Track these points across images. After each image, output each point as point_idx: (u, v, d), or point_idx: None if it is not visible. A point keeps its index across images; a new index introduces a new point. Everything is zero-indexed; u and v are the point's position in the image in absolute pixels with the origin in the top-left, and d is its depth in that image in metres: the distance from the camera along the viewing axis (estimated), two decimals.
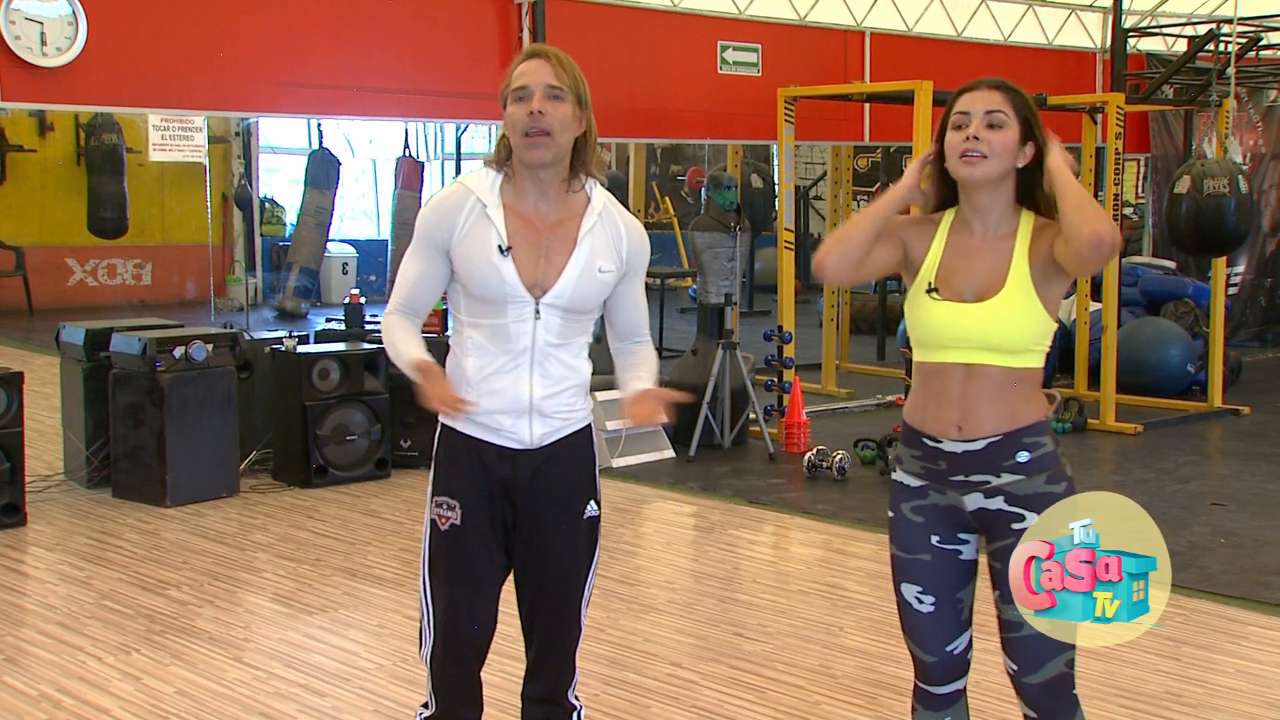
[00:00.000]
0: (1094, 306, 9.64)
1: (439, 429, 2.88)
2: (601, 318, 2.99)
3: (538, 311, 2.76)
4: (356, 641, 4.75)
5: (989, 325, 2.69)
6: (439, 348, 2.92)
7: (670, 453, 7.92)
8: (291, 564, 5.72)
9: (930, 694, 2.89)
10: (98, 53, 6.82)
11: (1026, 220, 2.76)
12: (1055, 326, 2.76)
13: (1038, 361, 2.75)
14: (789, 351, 8.37)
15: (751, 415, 8.21)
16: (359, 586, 5.39)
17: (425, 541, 2.88)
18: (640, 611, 5.06)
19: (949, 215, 2.82)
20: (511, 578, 2.92)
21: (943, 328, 2.73)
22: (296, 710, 4.10)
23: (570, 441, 2.87)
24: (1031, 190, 2.77)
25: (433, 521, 2.85)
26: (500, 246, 2.74)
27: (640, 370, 2.96)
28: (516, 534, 2.86)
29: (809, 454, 7.46)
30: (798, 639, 4.76)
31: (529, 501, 2.84)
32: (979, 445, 2.72)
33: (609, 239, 2.83)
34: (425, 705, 2.94)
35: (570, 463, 2.87)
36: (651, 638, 4.76)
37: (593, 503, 2.91)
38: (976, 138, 2.69)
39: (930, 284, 2.75)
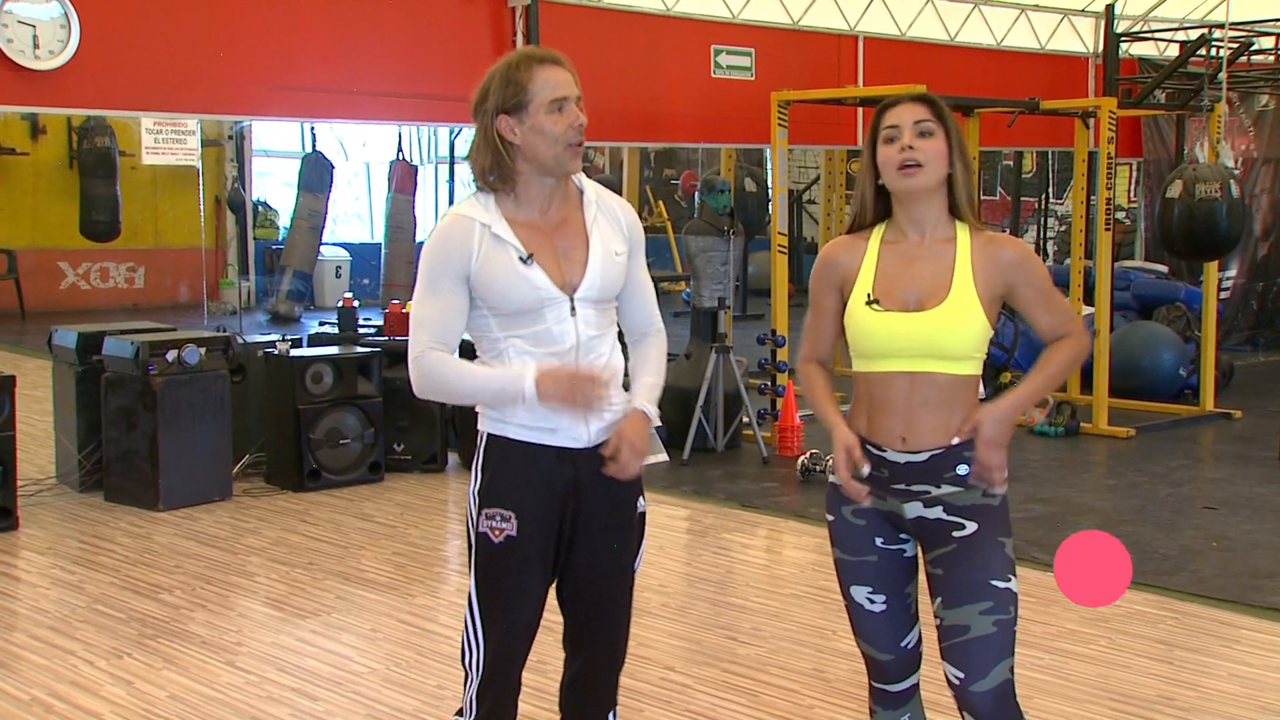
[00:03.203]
0: (1087, 310, 9.65)
1: (484, 437, 2.84)
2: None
3: (573, 308, 2.78)
4: (349, 645, 4.74)
5: (934, 332, 2.73)
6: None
7: (664, 456, 7.92)
8: (284, 568, 5.71)
9: (887, 693, 2.92)
10: (91, 56, 6.82)
11: (963, 230, 2.80)
12: (991, 334, 2.80)
13: (976, 369, 2.79)
14: (782, 355, 8.38)
15: (745, 419, 8.22)
16: (352, 590, 5.39)
17: (473, 555, 2.84)
18: (634, 615, 5.05)
19: (880, 228, 2.86)
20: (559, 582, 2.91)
21: (887, 338, 2.76)
22: (289, 714, 4.09)
23: None
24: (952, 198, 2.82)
25: (483, 535, 2.80)
26: (521, 257, 2.75)
27: (646, 374, 2.95)
28: (575, 536, 2.85)
29: (802, 458, 7.47)
30: (791, 643, 4.77)
31: (591, 501, 2.83)
32: (922, 457, 2.76)
33: (611, 222, 2.88)
34: (460, 713, 2.91)
35: None
36: (645, 641, 4.76)
37: (642, 498, 2.95)
38: (911, 147, 2.74)
39: (870, 295, 2.78)
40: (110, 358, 6.76)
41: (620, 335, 2.98)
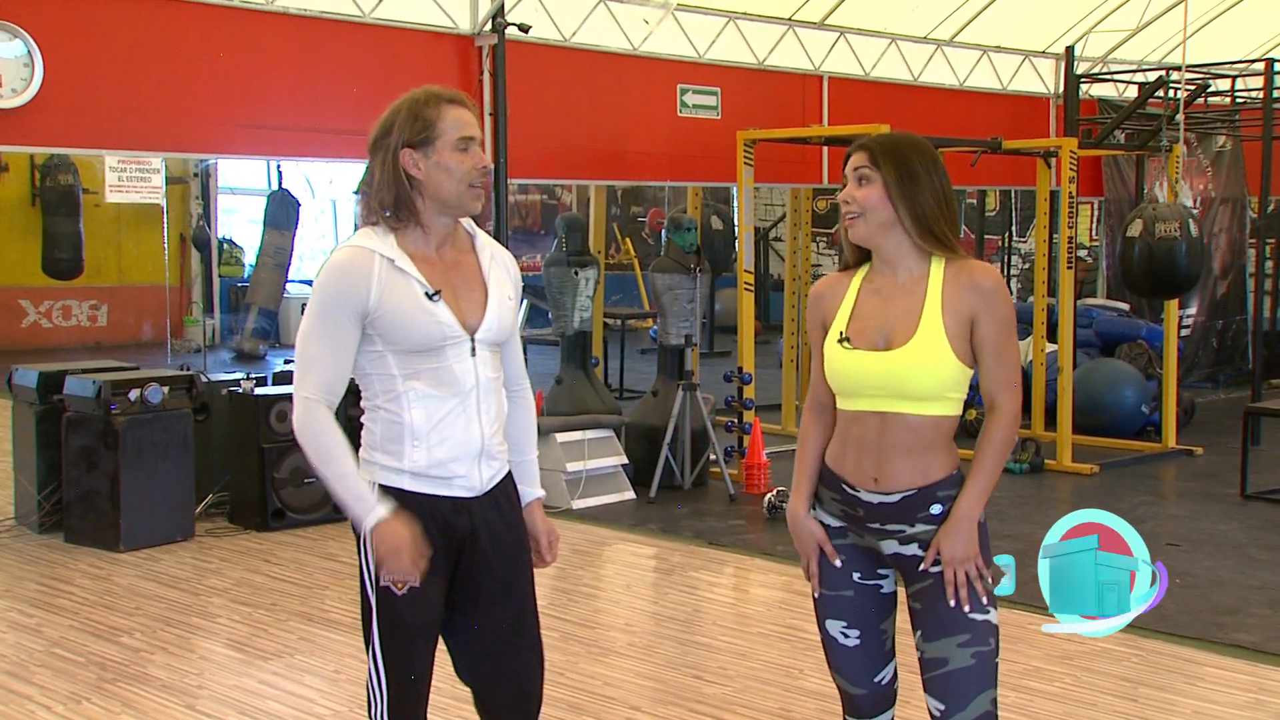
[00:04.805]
0: (1050, 348, 9.74)
1: (375, 489, 2.75)
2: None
3: (473, 348, 2.77)
4: (312, 688, 4.69)
5: (899, 371, 2.72)
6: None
7: (630, 494, 7.90)
8: (247, 609, 5.65)
9: None
10: (54, 93, 6.78)
11: (937, 263, 2.78)
12: (970, 374, 2.78)
13: (953, 410, 2.77)
14: (749, 392, 8.39)
15: (712, 456, 8.22)
16: (315, 631, 5.33)
17: (375, 610, 2.79)
18: (600, 655, 5.03)
19: (864, 268, 2.88)
20: (454, 633, 2.88)
21: (855, 376, 2.77)
22: None
23: (505, 485, 2.89)
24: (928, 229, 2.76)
25: (385, 589, 2.75)
26: (428, 293, 2.72)
27: (528, 450, 3.01)
28: (473, 584, 2.82)
29: (769, 495, 7.47)
30: (758, 681, 4.75)
31: (486, 550, 2.81)
32: (894, 498, 2.76)
33: (502, 269, 2.90)
34: None
35: (510, 504, 2.89)
36: (611, 681, 4.73)
37: None
38: (849, 200, 2.78)
39: (842, 333, 2.80)
40: (71, 397, 6.70)
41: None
